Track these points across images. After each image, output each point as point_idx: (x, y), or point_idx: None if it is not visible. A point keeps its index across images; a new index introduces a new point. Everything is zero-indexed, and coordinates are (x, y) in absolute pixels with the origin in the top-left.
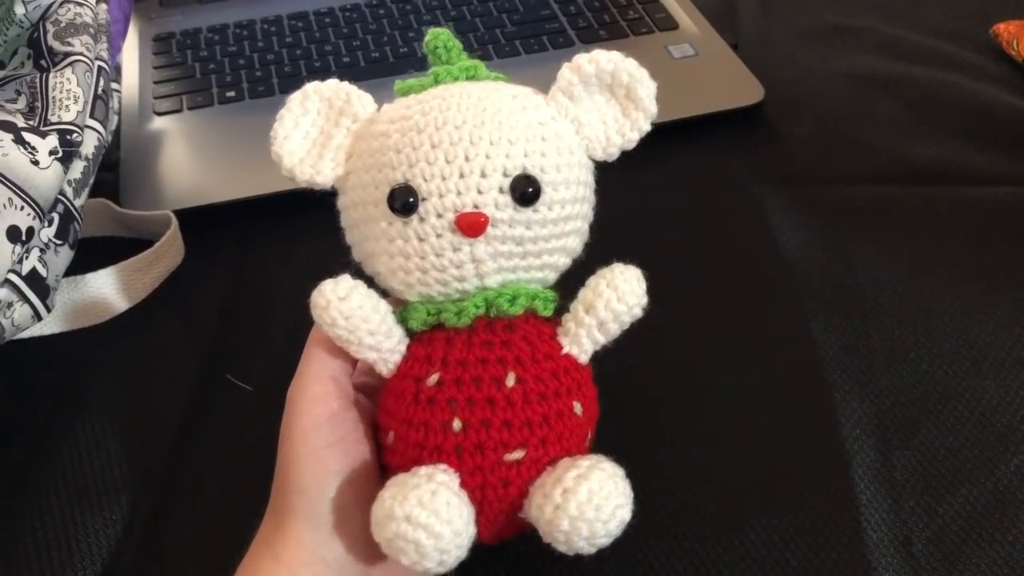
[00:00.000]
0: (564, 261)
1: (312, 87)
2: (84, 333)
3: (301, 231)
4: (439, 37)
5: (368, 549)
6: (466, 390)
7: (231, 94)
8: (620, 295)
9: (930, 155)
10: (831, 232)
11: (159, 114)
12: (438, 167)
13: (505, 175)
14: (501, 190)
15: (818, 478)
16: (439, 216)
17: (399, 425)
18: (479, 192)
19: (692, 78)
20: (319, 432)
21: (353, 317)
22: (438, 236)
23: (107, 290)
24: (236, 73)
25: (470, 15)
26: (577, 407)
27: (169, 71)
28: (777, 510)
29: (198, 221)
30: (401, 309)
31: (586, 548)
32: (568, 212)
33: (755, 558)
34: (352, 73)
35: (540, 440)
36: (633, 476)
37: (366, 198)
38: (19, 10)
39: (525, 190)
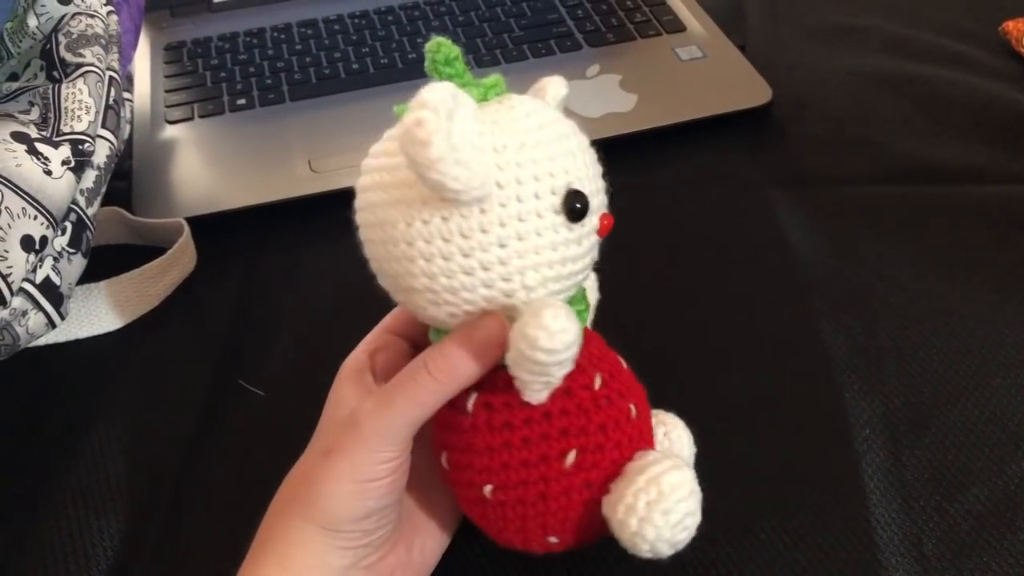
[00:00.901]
0: None
1: (442, 88)
2: (98, 340)
3: (312, 237)
4: (452, 49)
5: (373, 555)
6: (622, 379)
7: (242, 102)
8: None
9: (939, 154)
10: (840, 232)
11: (171, 122)
12: (585, 171)
13: (601, 179)
14: (605, 192)
15: (828, 478)
16: (592, 219)
17: (592, 435)
18: (602, 194)
19: (700, 80)
20: (372, 471)
21: (580, 337)
22: (589, 239)
23: (120, 297)
24: (247, 81)
25: (478, 20)
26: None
27: (180, 80)
28: (787, 510)
29: (210, 228)
30: None
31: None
32: None
33: (765, 558)
34: (362, 79)
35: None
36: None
37: (526, 210)
38: (32, 22)
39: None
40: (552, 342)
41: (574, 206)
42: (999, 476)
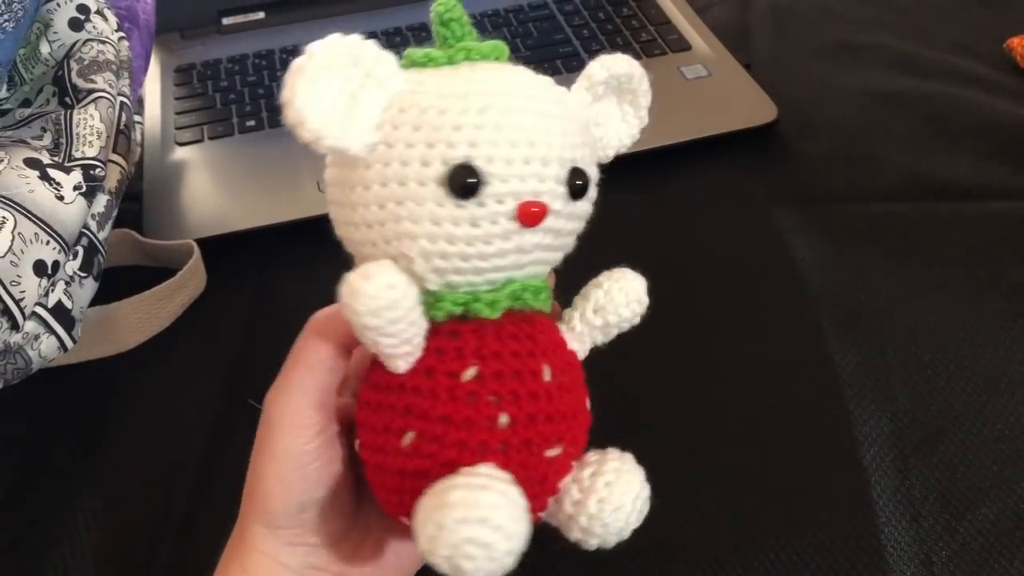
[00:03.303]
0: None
1: (336, 40)
2: (109, 362)
3: (321, 257)
4: (454, 9)
5: (330, 554)
6: (509, 384)
7: (251, 123)
8: (629, 301)
9: (945, 171)
10: (846, 250)
11: (181, 144)
12: (504, 150)
13: (562, 166)
14: (557, 181)
15: (837, 496)
16: (499, 202)
17: (432, 424)
18: (541, 181)
19: (705, 99)
20: (290, 455)
21: (398, 307)
22: (493, 223)
23: (131, 319)
24: (256, 102)
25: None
26: (587, 402)
27: (190, 102)
28: (796, 529)
29: (220, 249)
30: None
31: (614, 541)
32: (587, 209)
33: None
34: None
35: (573, 435)
36: (650, 496)
37: (408, 175)
38: (44, 49)
39: (576, 183)
40: (354, 297)
41: (459, 180)
42: (1009, 494)
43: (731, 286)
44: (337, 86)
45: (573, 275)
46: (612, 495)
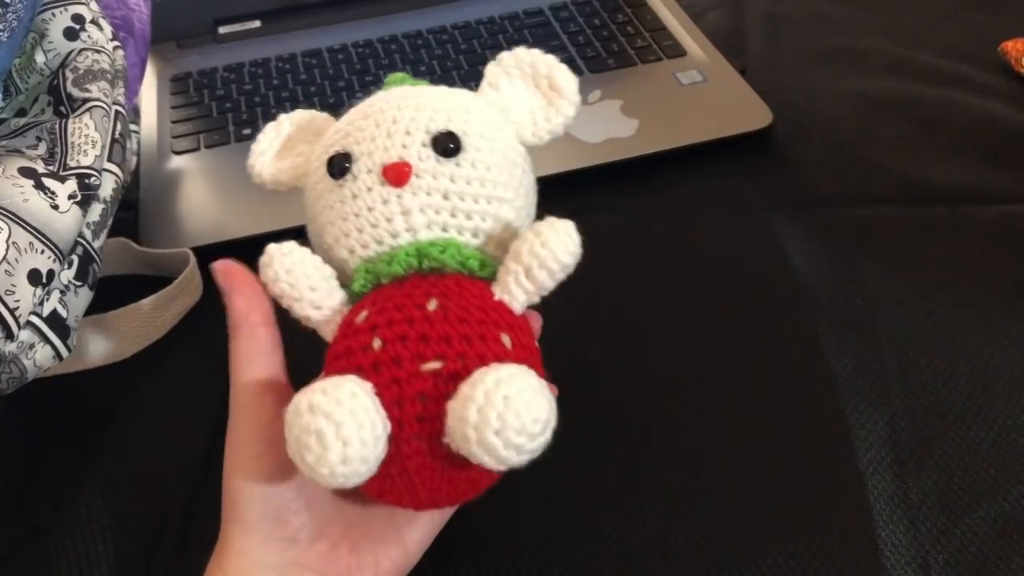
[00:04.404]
0: (499, 231)
1: (284, 116)
2: (105, 371)
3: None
4: (396, 79)
5: (306, 551)
6: (388, 315)
7: (247, 132)
8: (543, 241)
9: (941, 175)
10: (843, 254)
11: (177, 153)
12: (368, 132)
13: (428, 132)
14: (424, 144)
15: (834, 501)
16: (368, 171)
17: (329, 365)
18: (403, 147)
19: (701, 104)
20: (247, 444)
21: (295, 271)
22: (369, 190)
23: (127, 328)
24: (252, 111)
25: (480, 48)
26: (505, 339)
27: (186, 110)
28: (793, 534)
29: (216, 257)
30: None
31: (501, 450)
32: (494, 176)
33: None
34: None
35: (458, 354)
36: (646, 502)
37: (315, 178)
38: (39, 58)
39: (447, 144)
40: (260, 268)
41: (336, 165)
42: (1005, 498)
43: (726, 291)
44: (279, 137)
45: (570, 282)
46: (475, 391)
